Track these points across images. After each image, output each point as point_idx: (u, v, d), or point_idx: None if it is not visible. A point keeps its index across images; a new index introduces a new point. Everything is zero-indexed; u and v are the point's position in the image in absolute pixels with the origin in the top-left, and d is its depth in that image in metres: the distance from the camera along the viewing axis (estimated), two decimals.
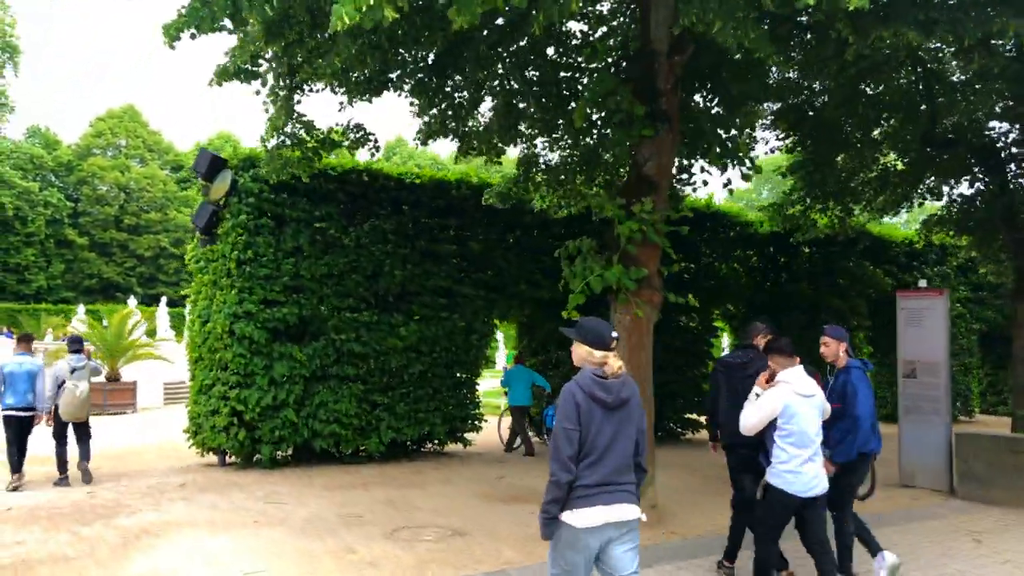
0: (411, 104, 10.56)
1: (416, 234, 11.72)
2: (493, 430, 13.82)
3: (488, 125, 10.25)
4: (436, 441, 12.06)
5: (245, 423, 10.28)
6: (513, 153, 11.26)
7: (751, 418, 5.03)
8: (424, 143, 10.27)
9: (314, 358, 10.70)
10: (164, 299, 32.63)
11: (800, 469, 4.83)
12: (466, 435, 12.25)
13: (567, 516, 3.55)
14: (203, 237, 10.75)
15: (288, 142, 9.40)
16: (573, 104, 9.52)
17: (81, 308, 32.96)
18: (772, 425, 4.98)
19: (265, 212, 10.56)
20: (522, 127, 10.04)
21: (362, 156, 19.88)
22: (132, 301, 27.45)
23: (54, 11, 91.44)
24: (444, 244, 11.85)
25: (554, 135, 10.11)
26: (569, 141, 10.20)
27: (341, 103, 9.45)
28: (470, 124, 10.46)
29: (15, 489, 8.89)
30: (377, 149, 10.00)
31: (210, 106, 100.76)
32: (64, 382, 9.31)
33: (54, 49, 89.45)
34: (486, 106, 10.21)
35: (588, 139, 9.57)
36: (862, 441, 5.58)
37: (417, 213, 11.75)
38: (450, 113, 10.19)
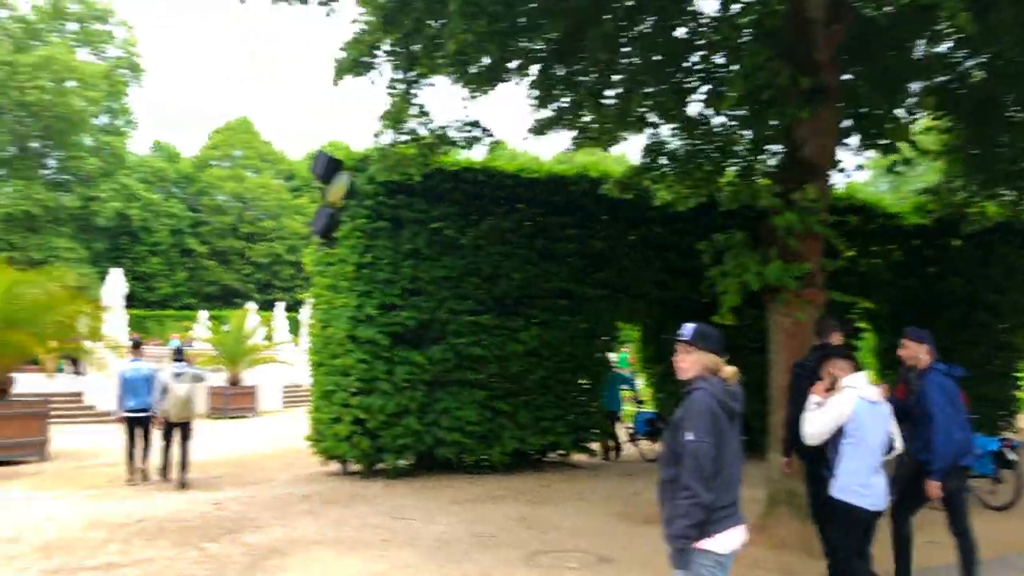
0: (528, 95, 10.06)
1: (534, 233, 11.16)
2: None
3: (610, 113, 9.58)
4: (560, 451, 11.46)
5: (368, 431, 9.97)
6: (635, 142, 10.57)
7: (816, 424, 4.66)
8: (541, 135, 9.67)
9: (435, 363, 10.30)
10: (281, 304, 33.35)
11: (870, 481, 4.53)
12: (592, 445, 11.61)
13: (709, 543, 3.28)
14: (322, 241, 10.52)
15: (402, 138, 9.03)
16: (705, 86, 8.77)
17: (203, 313, 34.14)
18: (836, 435, 4.64)
19: (382, 214, 10.22)
20: (648, 112, 9.29)
21: (471, 155, 19.53)
22: (252, 306, 28.11)
23: (171, 26, 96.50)
24: (564, 243, 11.25)
25: (683, 119, 9.30)
26: (700, 127, 9.40)
27: (464, 99, 9.01)
28: (590, 113, 9.84)
29: (135, 483, 9.89)
30: (495, 145, 9.50)
31: (319, 116, 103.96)
32: (167, 386, 9.87)
33: (173, 64, 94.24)
34: (608, 93, 9.57)
35: (725, 121, 8.76)
36: (942, 446, 5.09)
37: (535, 211, 11.19)
38: (570, 102, 9.62)
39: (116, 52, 48.05)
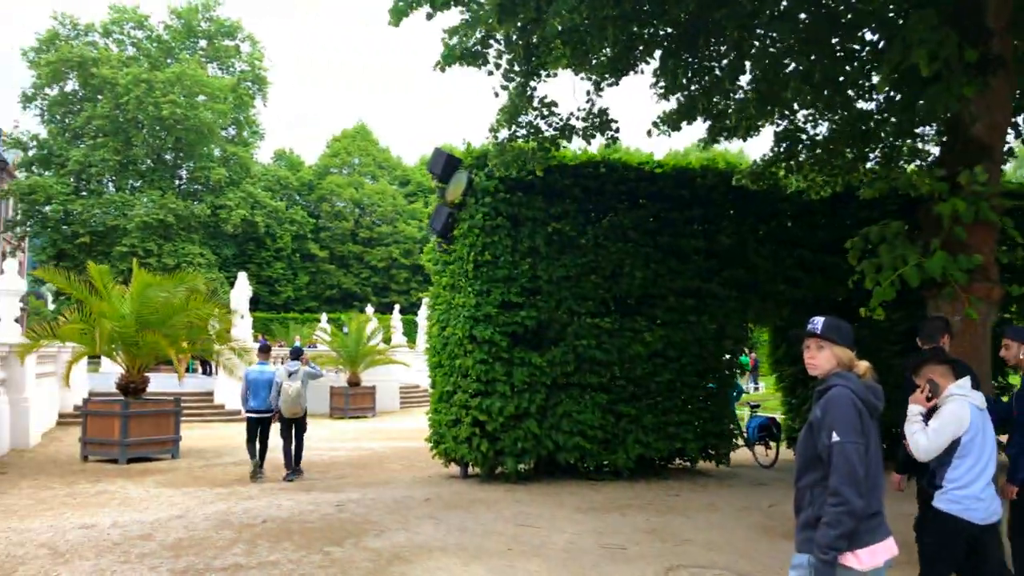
0: (654, 86, 9.60)
1: (658, 229, 10.66)
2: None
3: (745, 99, 8.99)
4: (687, 458, 10.90)
5: (487, 433, 9.74)
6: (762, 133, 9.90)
7: (933, 438, 4.19)
8: (675, 128, 9.17)
9: (554, 365, 9.98)
10: (397, 307, 33.94)
11: (982, 494, 4.17)
12: (722, 453, 10.99)
13: (852, 560, 2.96)
14: (440, 240, 10.39)
15: (521, 133, 8.75)
16: (852, 63, 8.06)
17: (324, 316, 35.13)
18: (950, 445, 4.24)
19: (501, 212, 9.99)
20: (789, 97, 8.63)
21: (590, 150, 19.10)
22: (370, 309, 28.68)
23: (293, 35, 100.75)
24: (689, 239, 10.69)
25: (828, 102, 8.58)
26: (845, 110, 8.67)
27: (588, 92, 8.64)
28: (723, 100, 9.28)
29: (255, 479, 10.36)
30: (615, 139, 9.08)
31: (434, 121, 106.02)
32: (281, 384, 10.62)
33: (293, 70, 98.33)
34: (743, 77, 8.97)
35: (874, 102, 8.03)
36: None
37: (658, 206, 10.69)
38: (699, 89, 9.09)
39: (242, 66, 50.29)
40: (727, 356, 11.14)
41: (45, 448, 13.48)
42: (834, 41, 8.01)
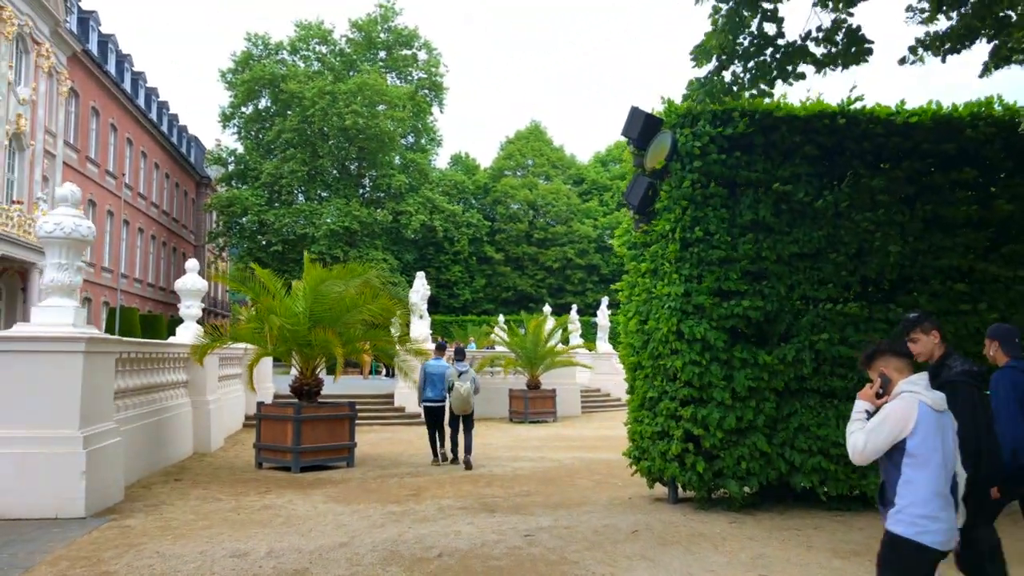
0: (911, 8, 7.49)
1: (916, 194, 8.44)
2: None
3: None
4: None
5: (703, 450, 7.96)
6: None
7: (869, 439, 3.55)
8: (952, 51, 7.01)
9: (786, 366, 8.03)
10: (575, 307, 32.57)
11: (939, 513, 3.46)
12: None
13: None
14: (637, 217, 8.71)
15: (733, 66, 6.96)
16: None
17: (501, 317, 34.46)
18: (895, 453, 3.56)
19: (714, 177, 8.18)
20: None
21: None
22: (547, 308, 27.47)
23: (461, 38, 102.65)
24: (957, 206, 8.41)
25: None
26: None
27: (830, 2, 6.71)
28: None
29: (436, 464, 11.73)
30: (863, 54, 7.04)
31: (605, 117, 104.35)
32: (453, 383, 11.61)
33: (469, 77, 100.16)
34: None
35: None
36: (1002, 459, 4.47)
37: (915, 165, 8.46)
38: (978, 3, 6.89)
39: (419, 74, 51.07)
40: None
41: (226, 452, 13.11)
42: None
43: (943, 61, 7.54)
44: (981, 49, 7.54)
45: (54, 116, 32.27)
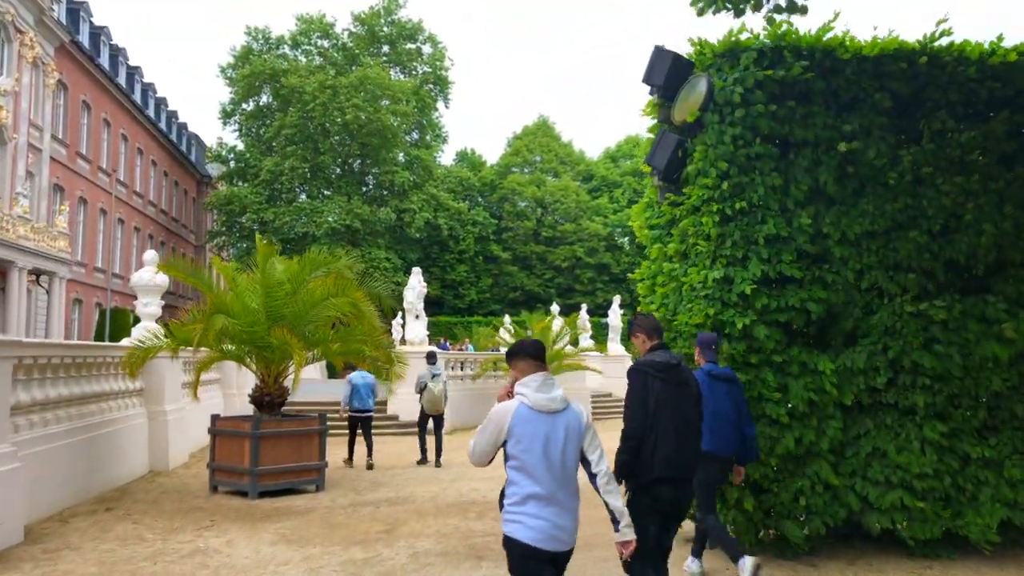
0: None
1: (1017, 154, 6.65)
2: None
3: None
4: None
5: (752, 482, 6.20)
6: None
7: (476, 439, 3.56)
8: None
9: (855, 375, 6.27)
10: (584, 306, 30.81)
11: (539, 512, 3.39)
12: None
13: None
14: (663, 184, 6.92)
15: None
16: None
17: (507, 318, 32.79)
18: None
19: (761, 132, 6.42)
20: None
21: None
22: (554, 309, 25.74)
23: (466, 34, 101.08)
24: None
25: None
26: None
27: None
28: None
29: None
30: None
31: (616, 113, 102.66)
32: (426, 384, 12.19)
33: (475, 72, 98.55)
34: None
35: None
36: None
37: (1018, 117, 6.67)
38: None
39: (424, 68, 49.43)
40: None
41: (187, 470, 11.42)
42: None
43: None
44: None
45: (40, 109, 30.76)
